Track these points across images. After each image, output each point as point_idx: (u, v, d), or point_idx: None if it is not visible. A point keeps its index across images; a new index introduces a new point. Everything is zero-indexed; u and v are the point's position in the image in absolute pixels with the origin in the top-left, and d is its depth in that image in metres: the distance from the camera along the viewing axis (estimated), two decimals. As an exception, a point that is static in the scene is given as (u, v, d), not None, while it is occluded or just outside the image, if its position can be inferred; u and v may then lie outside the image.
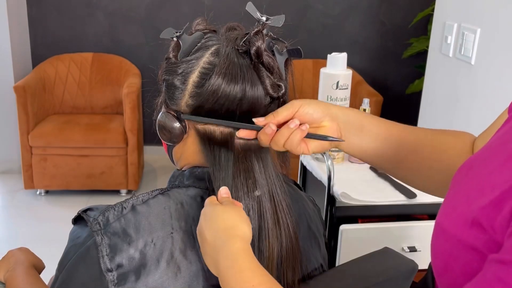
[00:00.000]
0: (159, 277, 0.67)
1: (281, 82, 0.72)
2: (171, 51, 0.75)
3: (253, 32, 0.70)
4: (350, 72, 1.46)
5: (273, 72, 0.71)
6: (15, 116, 3.02)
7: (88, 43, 3.50)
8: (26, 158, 2.99)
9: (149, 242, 0.67)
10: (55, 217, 2.88)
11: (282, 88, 0.72)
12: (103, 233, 0.67)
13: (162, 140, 0.78)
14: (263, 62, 0.71)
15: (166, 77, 0.75)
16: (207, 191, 0.73)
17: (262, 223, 0.72)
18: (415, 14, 3.33)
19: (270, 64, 0.71)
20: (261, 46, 0.70)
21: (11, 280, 0.86)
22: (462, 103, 1.82)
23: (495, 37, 1.60)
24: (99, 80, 3.34)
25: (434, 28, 2.03)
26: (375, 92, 3.18)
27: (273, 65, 0.71)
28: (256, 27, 0.71)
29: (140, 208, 0.70)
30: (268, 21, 0.71)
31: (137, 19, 3.49)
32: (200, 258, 0.69)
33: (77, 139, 2.97)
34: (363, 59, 3.63)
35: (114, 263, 0.66)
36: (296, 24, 3.50)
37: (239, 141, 0.72)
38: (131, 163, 3.06)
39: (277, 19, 0.72)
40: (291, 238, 0.74)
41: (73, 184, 3.07)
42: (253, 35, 0.70)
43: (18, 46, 3.31)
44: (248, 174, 0.72)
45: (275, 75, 0.72)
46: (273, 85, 0.71)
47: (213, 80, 0.69)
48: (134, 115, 3.00)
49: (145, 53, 3.52)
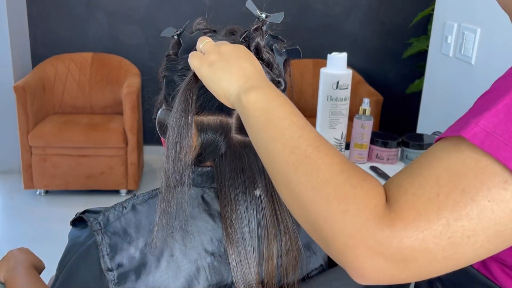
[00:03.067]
0: (159, 277, 0.67)
1: (280, 78, 0.72)
2: (171, 49, 0.75)
3: (253, 29, 0.71)
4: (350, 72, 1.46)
5: (272, 68, 0.72)
6: (14, 116, 3.02)
7: (88, 43, 3.50)
8: (26, 158, 2.99)
9: (149, 242, 0.67)
10: (54, 217, 2.88)
11: (282, 84, 0.72)
12: (103, 233, 0.67)
13: (162, 138, 0.78)
14: (263, 58, 0.71)
15: (166, 74, 0.75)
16: (207, 190, 0.73)
17: (261, 223, 0.72)
18: (415, 14, 3.33)
19: (270, 60, 0.71)
20: (260, 42, 0.70)
21: (11, 280, 0.86)
22: (462, 103, 1.82)
23: (495, 37, 1.60)
24: (99, 80, 3.33)
25: (434, 28, 2.03)
26: (375, 92, 3.18)
27: (272, 61, 0.71)
28: (255, 24, 0.71)
29: (141, 208, 0.70)
30: (267, 18, 0.71)
31: (137, 19, 3.49)
32: (200, 257, 0.69)
33: (77, 139, 2.97)
34: (363, 59, 3.63)
35: (115, 262, 0.66)
36: (296, 23, 3.50)
37: (236, 137, 0.72)
38: (131, 163, 3.06)
39: (276, 16, 0.72)
40: (291, 238, 0.74)
41: (73, 184, 3.06)
42: (253, 31, 0.70)
43: (17, 46, 3.31)
44: (247, 173, 0.72)
45: (274, 71, 0.72)
46: (273, 81, 0.71)
47: None
48: (134, 115, 3.00)
49: (145, 53, 3.52)
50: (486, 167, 0.45)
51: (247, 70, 0.62)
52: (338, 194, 0.49)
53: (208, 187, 0.73)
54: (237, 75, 0.62)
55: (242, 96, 0.59)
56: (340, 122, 1.44)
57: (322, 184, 0.50)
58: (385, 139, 1.50)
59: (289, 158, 0.53)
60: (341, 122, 1.45)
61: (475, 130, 0.46)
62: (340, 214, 0.48)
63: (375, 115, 3.10)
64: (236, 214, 0.70)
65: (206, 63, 0.64)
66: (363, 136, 1.47)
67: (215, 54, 0.64)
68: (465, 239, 0.45)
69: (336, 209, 0.48)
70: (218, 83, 0.63)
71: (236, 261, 0.69)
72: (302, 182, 0.51)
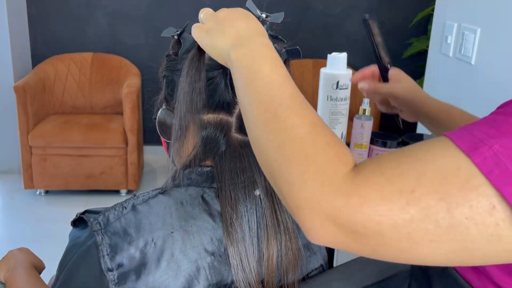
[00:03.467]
0: (159, 277, 0.67)
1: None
2: (171, 49, 0.75)
3: None
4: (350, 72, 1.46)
5: None
6: (14, 116, 3.02)
7: (88, 43, 3.49)
8: (26, 158, 2.99)
9: (149, 242, 0.67)
10: (54, 217, 2.88)
11: None
12: (103, 233, 0.67)
13: (162, 138, 0.78)
14: None
15: (166, 74, 0.75)
16: (207, 190, 0.73)
17: (261, 222, 0.72)
18: (415, 14, 3.33)
19: None
20: None
21: (11, 280, 0.86)
22: (462, 103, 1.81)
23: (495, 37, 1.60)
24: (99, 80, 3.33)
25: (434, 28, 2.03)
26: (375, 92, 3.17)
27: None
28: None
29: (141, 208, 0.70)
30: (267, 18, 0.71)
31: (137, 19, 3.49)
32: (200, 257, 0.69)
33: (77, 139, 2.97)
34: (363, 59, 3.63)
35: (115, 262, 0.66)
36: (296, 23, 3.50)
37: (236, 136, 0.72)
38: (131, 163, 3.06)
39: (276, 16, 0.72)
40: (291, 238, 0.74)
41: (73, 184, 3.06)
42: None
43: (18, 46, 3.31)
44: (247, 173, 0.72)
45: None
46: None
47: (211, 74, 0.69)
48: (134, 115, 3.00)
49: (145, 53, 3.52)
50: (479, 186, 0.42)
51: (240, 28, 0.62)
52: (299, 156, 0.49)
53: (208, 187, 0.73)
54: (229, 35, 0.62)
55: (230, 54, 0.60)
56: (340, 122, 1.44)
57: (286, 144, 0.50)
58: (385, 139, 1.50)
59: (261, 115, 0.53)
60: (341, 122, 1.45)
61: (487, 155, 0.43)
62: (298, 176, 0.48)
63: (375, 115, 3.10)
64: (236, 213, 0.70)
65: (204, 31, 0.65)
66: (363, 136, 1.47)
67: (212, 22, 0.65)
68: (426, 242, 0.44)
69: (295, 170, 0.48)
70: (215, 47, 0.63)
71: (237, 261, 0.69)
72: (269, 140, 0.52)
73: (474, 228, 0.43)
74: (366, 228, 0.45)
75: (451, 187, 0.43)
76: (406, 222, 0.44)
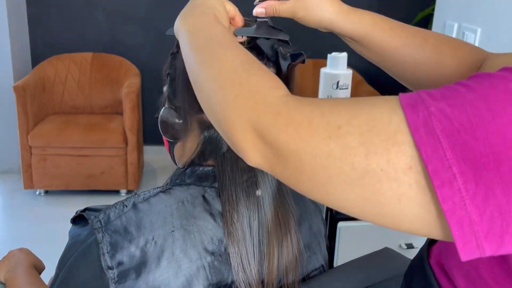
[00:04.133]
0: (159, 275, 0.67)
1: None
2: (175, 47, 0.75)
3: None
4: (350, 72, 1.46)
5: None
6: (14, 116, 3.02)
7: (87, 43, 3.49)
8: (26, 158, 2.98)
9: (150, 240, 0.67)
10: (54, 217, 2.88)
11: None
12: (104, 231, 0.66)
13: (164, 137, 0.78)
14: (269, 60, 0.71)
15: (170, 72, 0.75)
16: (208, 189, 0.73)
17: (262, 222, 0.72)
18: (415, 14, 3.33)
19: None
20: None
21: (12, 280, 0.86)
22: (462, 103, 1.81)
23: (495, 37, 1.60)
24: (99, 80, 3.33)
25: (434, 28, 2.03)
26: (375, 92, 3.18)
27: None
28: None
29: (141, 206, 0.70)
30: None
31: (137, 19, 3.49)
32: (201, 256, 0.69)
33: (76, 139, 2.97)
34: (363, 59, 3.61)
35: (115, 260, 0.65)
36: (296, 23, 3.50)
37: None
38: (131, 163, 3.06)
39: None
40: (292, 238, 0.74)
41: (73, 184, 3.06)
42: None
43: (17, 46, 3.31)
44: (249, 173, 0.72)
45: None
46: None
47: None
48: (134, 115, 3.00)
49: (145, 53, 3.52)
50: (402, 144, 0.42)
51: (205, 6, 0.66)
52: (233, 81, 0.51)
53: (209, 186, 0.73)
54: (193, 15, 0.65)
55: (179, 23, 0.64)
56: (340, 122, 1.45)
57: (221, 73, 0.53)
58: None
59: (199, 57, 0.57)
60: (341, 122, 1.45)
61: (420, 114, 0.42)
62: (232, 98, 0.50)
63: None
64: (237, 212, 0.70)
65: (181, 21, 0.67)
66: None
67: (188, 8, 0.68)
68: (340, 182, 0.44)
69: (229, 93, 0.51)
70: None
71: (237, 260, 0.69)
72: (206, 74, 0.55)
73: (387, 182, 0.42)
74: (288, 149, 0.46)
75: (377, 135, 0.43)
76: (324, 153, 0.44)
